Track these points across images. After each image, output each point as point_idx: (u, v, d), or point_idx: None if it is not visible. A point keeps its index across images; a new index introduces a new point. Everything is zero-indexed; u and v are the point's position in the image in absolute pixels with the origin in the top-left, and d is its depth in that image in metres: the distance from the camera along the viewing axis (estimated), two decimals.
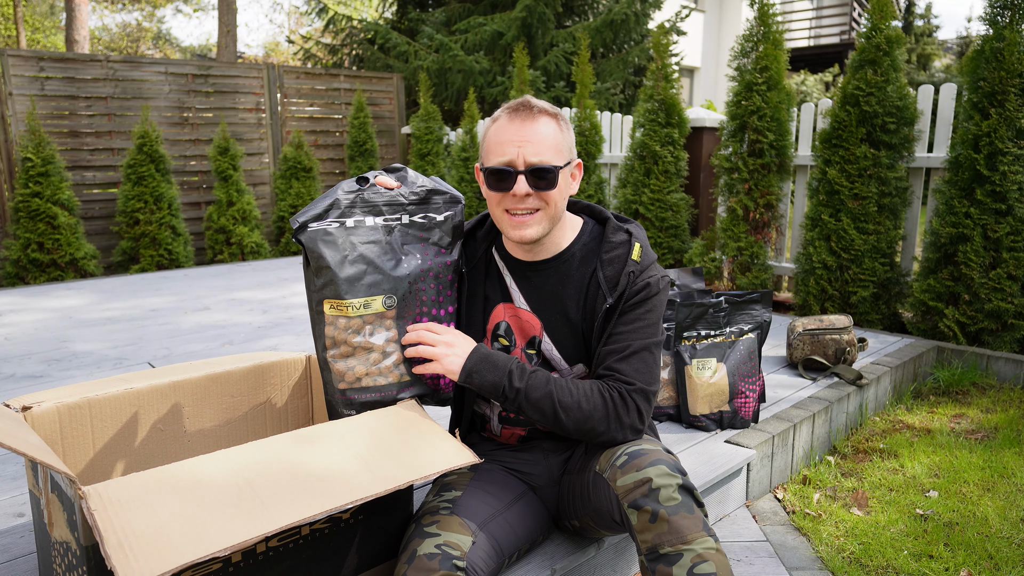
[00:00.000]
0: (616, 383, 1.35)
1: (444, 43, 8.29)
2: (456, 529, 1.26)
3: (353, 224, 1.38)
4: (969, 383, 3.15)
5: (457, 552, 1.21)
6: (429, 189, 1.45)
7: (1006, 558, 1.83)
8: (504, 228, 1.41)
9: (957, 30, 28.28)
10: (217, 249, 6.19)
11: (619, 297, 1.38)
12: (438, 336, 1.40)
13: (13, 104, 5.47)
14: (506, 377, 1.35)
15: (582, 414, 1.33)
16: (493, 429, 1.56)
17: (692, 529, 1.18)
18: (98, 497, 0.99)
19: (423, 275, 1.43)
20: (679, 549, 1.17)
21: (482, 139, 1.41)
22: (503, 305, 1.49)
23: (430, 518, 1.29)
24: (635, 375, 1.35)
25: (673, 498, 1.20)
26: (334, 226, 1.37)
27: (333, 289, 1.36)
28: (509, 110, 1.37)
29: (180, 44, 26.59)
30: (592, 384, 1.36)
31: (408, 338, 1.42)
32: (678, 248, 4.62)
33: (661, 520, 1.19)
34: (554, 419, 1.35)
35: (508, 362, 1.37)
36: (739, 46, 4.07)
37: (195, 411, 1.59)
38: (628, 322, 1.37)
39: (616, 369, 1.36)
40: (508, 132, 1.34)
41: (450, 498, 1.35)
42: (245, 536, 0.98)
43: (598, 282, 1.41)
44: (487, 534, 1.31)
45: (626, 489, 1.24)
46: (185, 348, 3.28)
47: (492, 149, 1.36)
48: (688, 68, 16.11)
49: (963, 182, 3.30)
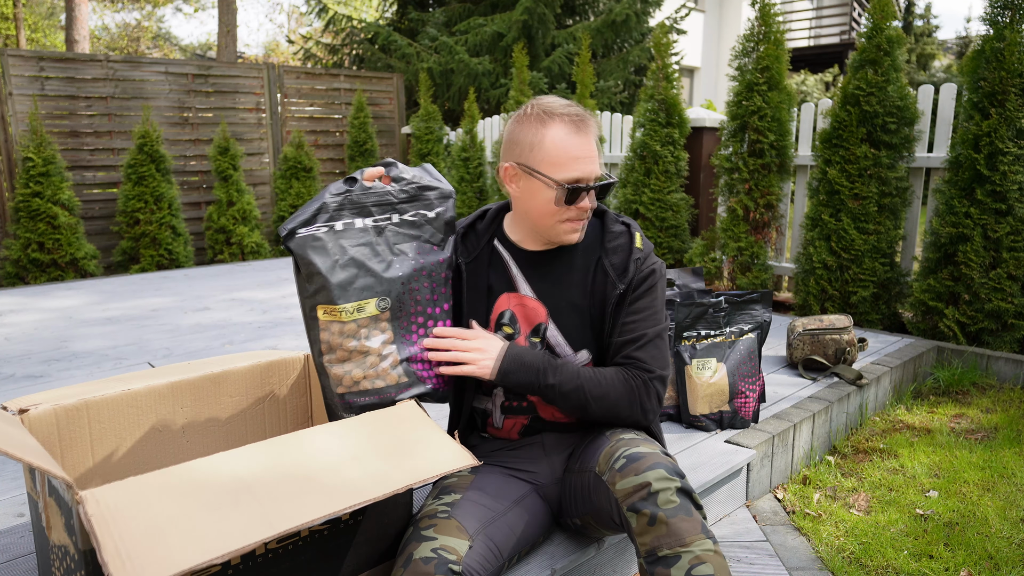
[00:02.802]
0: (637, 371, 1.44)
1: (447, 45, 8.29)
2: (453, 533, 1.26)
3: (342, 227, 1.37)
4: (969, 383, 3.15)
5: (453, 556, 1.21)
6: (420, 185, 1.43)
7: (1006, 558, 1.83)
8: (557, 233, 1.45)
9: (957, 30, 28.28)
10: (217, 249, 6.19)
11: (629, 283, 1.46)
12: (469, 342, 1.42)
13: (13, 104, 5.47)
14: (540, 376, 1.41)
15: (609, 403, 1.42)
16: (495, 422, 1.56)
17: (691, 531, 1.19)
18: (95, 502, 0.99)
19: (416, 275, 1.42)
20: (677, 551, 1.18)
21: (535, 144, 1.40)
22: (507, 294, 1.51)
23: (428, 521, 1.29)
24: (652, 362, 1.45)
25: (672, 501, 1.22)
26: (323, 231, 1.35)
27: (325, 295, 1.35)
28: (568, 120, 1.39)
29: (180, 44, 26.58)
30: (615, 373, 1.44)
31: (437, 343, 1.43)
32: (678, 248, 4.62)
33: (660, 523, 1.20)
34: (583, 409, 1.43)
35: (539, 360, 1.42)
36: (740, 46, 4.06)
37: (193, 412, 1.59)
38: (639, 311, 1.46)
39: (636, 358, 1.44)
40: (576, 147, 1.38)
41: (449, 501, 1.35)
42: (244, 542, 0.98)
43: (605, 269, 1.47)
44: (485, 537, 1.30)
45: (625, 493, 1.26)
46: (185, 348, 3.28)
47: (563, 163, 1.38)
48: (688, 68, 16.10)
49: (963, 182, 3.30)
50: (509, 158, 1.45)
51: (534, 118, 1.41)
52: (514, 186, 1.45)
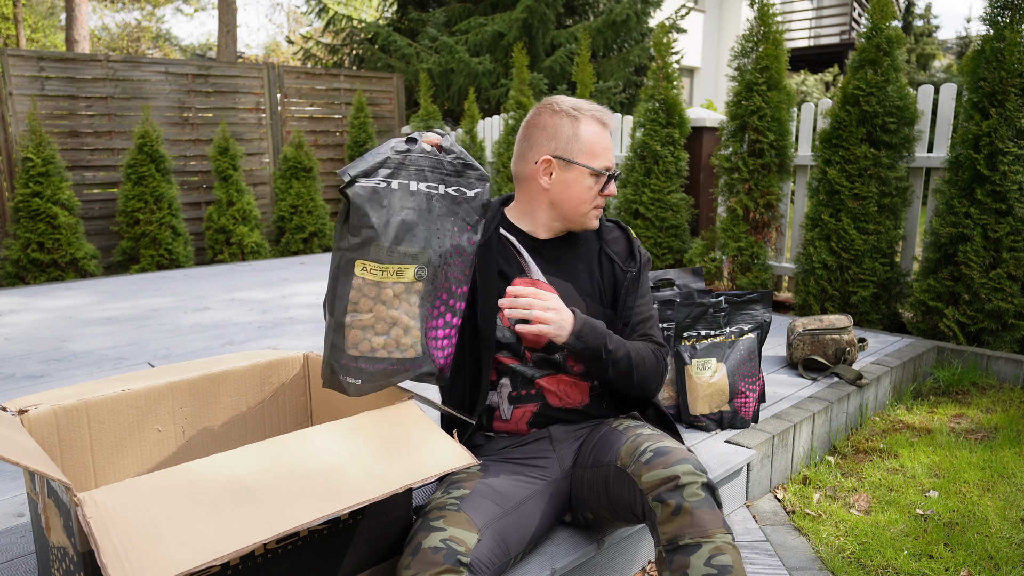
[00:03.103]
0: (654, 346, 1.60)
1: (448, 44, 8.28)
2: (463, 525, 1.27)
3: (397, 186, 1.33)
4: (969, 383, 3.15)
5: (462, 548, 1.22)
6: (464, 162, 1.41)
7: (1006, 558, 1.83)
8: (588, 218, 1.57)
9: (957, 30, 28.28)
10: (217, 249, 6.19)
11: (639, 266, 1.63)
12: (545, 302, 1.44)
13: (13, 104, 5.47)
14: (607, 339, 1.49)
15: (644, 371, 1.55)
16: (503, 414, 1.57)
17: (713, 524, 1.25)
18: (94, 504, 0.99)
19: (452, 251, 1.39)
20: (699, 541, 1.24)
21: (571, 137, 1.52)
22: (520, 279, 1.56)
23: (437, 513, 1.30)
24: (659, 337, 1.64)
25: (697, 494, 1.27)
26: (382, 185, 1.31)
27: (370, 251, 1.30)
28: (596, 116, 1.54)
29: (180, 44, 26.58)
30: (644, 345, 1.58)
31: (515, 302, 1.41)
32: (678, 248, 4.62)
33: (685, 513, 1.25)
34: (627, 376, 1.52)
35: (602, 326, 1.51)
36: (739, 46, 4.06)
37: (193, 412, 1.59)
38: (642, 295, 1.64)
39: (650, 335, 1.62)
40: (605, 140, 1.55)
41: (458, 495, 1.36)
42: (243, 543, 0.98)
43: (610, 257, 1.62)
44: (494, 532, 1.32)
45: (652, 484, 1.31)
46: (185, 348, 3.28)
47: (598, 153, 1.53)
48: (688, 68, 16.10)
49: (963, 182, 3.30)
50: (544, 151, 1.53)
51: (565, 115, 1.52)
52: (546, 178, 1.53)
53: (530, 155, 1.55)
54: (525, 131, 1.57)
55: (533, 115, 1.56)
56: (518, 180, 1.60)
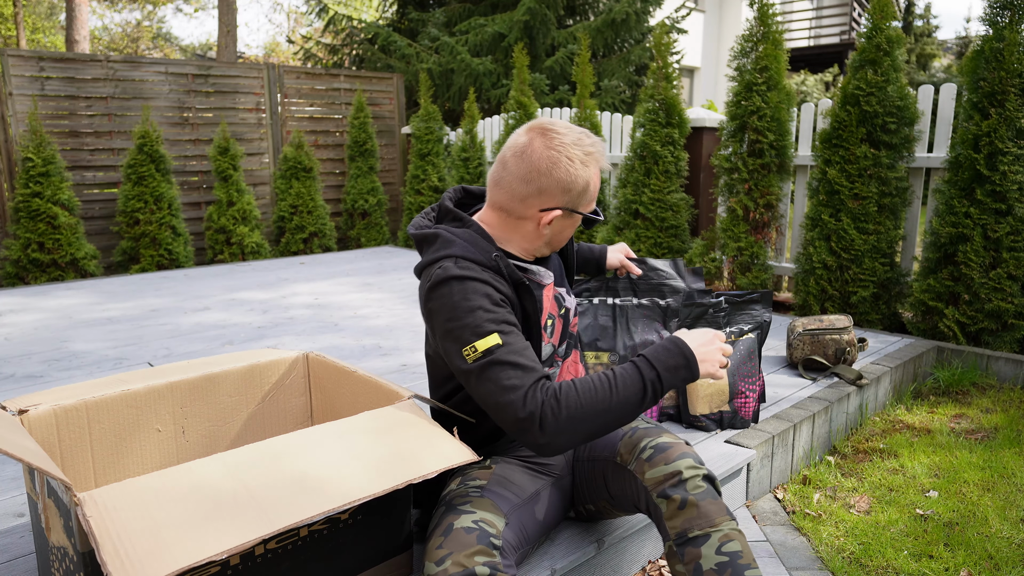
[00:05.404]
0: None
1: (449, 44, 8.28)
2: (490, 509, 1.30)
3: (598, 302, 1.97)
4: (969, 383, 3.15)
5: (493, 530, 1.25)
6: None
7: (1006, 558, 1.83)
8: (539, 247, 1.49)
9: (957, 30, 28.25)
10: (217, 249, 6.19)
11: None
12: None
13: (13, 104, 5.47)
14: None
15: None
16: None
17: (718, 513, 1.29)
18: (93, 504, 0.99)
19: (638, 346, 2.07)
20: (707, 531, 1.27)
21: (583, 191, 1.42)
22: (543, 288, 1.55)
23: (462, 499, 1.32)
24: None
25: (700, 487, 1.31)
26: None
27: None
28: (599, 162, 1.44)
29: (180, 44, 26.58)
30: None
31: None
32: (678, 248, 4.62)
33: (690, 506, 1.29)
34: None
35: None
36: (739, 46, 4.06)
37: (193, 412, 1.59)
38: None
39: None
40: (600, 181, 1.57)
41: (477, 485, 1.39)
42: (242, 540, 0.98)
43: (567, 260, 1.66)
44: (516, 519, 1.36)
45: (656, 481, 1.33)
46: (185, 348, 3.28)
47: (592, 198, 1.47)
48: (688, 68, 16.10)
49: (963, 182, 3.30)
50: (554, 203, 1.40)
51: (579, 164, 1.39)
52: (548, 226, 1.43)
53: (534, 202, 1.40)
54: (529, 173, 1.38)
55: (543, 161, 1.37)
56: (506, 212, 1.43)
